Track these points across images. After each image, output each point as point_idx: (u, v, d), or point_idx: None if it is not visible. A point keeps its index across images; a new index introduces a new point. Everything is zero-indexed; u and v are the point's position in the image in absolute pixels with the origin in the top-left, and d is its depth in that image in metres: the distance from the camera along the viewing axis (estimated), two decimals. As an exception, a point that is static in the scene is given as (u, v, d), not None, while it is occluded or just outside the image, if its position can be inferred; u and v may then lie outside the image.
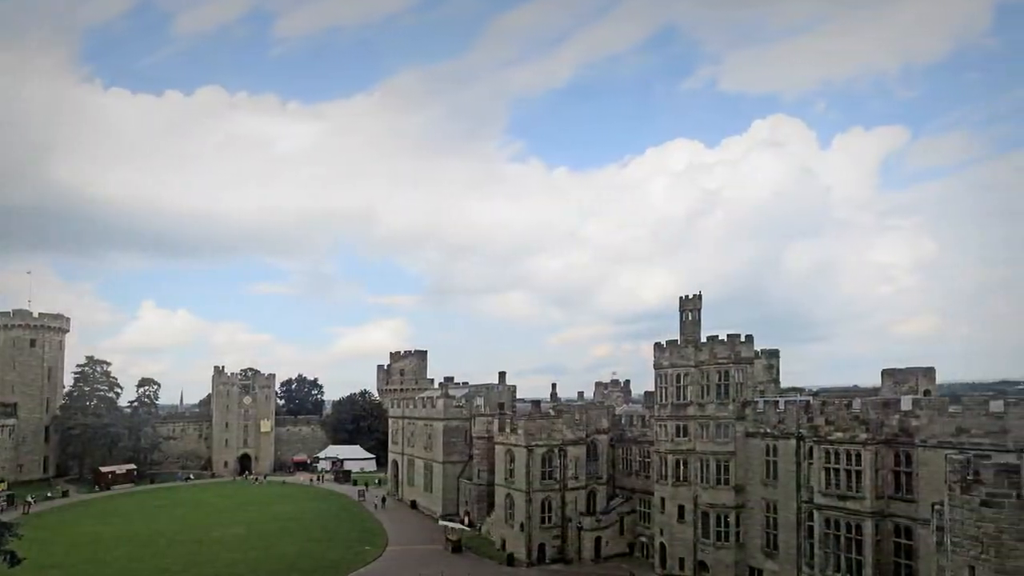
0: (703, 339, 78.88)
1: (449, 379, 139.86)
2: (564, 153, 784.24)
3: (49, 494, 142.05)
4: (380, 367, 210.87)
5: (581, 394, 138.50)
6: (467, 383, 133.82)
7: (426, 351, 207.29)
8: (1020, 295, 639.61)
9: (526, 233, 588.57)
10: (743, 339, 75.99)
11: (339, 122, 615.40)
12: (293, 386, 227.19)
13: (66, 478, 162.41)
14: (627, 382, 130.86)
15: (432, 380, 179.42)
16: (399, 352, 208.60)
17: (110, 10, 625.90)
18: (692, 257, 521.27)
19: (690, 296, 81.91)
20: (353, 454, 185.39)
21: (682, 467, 79.10)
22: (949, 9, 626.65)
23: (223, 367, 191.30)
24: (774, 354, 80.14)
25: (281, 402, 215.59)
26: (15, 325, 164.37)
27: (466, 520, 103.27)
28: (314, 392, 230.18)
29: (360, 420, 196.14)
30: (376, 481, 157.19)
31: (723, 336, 76.72)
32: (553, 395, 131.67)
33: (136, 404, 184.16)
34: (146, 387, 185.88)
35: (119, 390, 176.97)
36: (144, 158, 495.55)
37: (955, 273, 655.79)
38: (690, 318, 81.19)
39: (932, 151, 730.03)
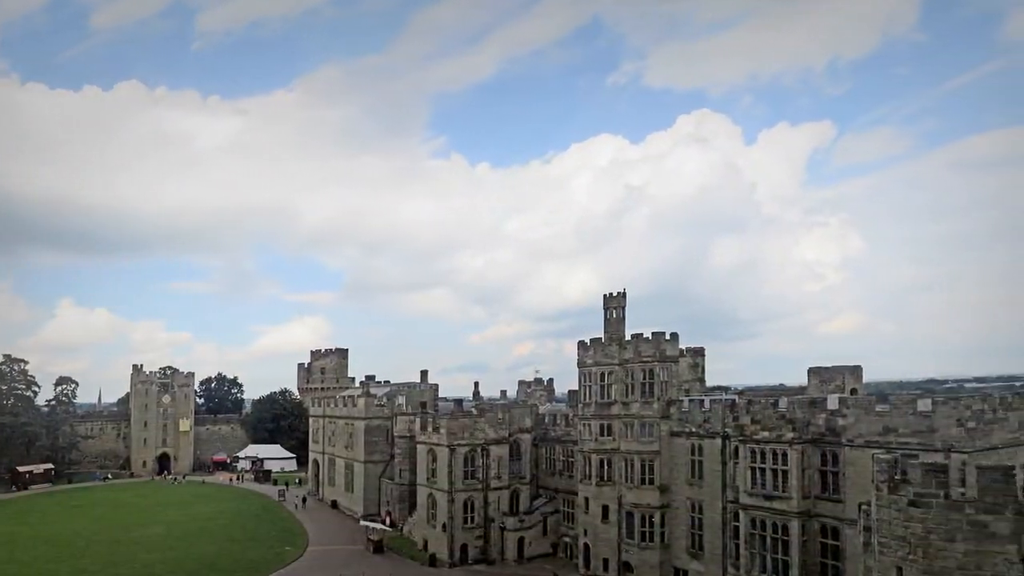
0: (627, 337, 76.13)
1: (370, 377, 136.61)
2: (486, 149, 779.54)
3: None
4: (301, 365, 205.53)
5: (504, 393, 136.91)
6: (389, 382, 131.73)
7: (347, 349, 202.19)
8: (947, 293, 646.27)
9: (448, 230, 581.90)
10: (668, 337, 73.63)
11: (259, 117, 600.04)
12: (212, 385, 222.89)
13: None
14: (550, 381, 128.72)
15: (353, 379, 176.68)
16: (320, 350, 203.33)
17: (27, 4, 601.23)
18: (616, 254, 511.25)
19: (614, 293, 79.34)
20: (273, 453, 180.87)
21: (606, 467, 76.40)
22: (876, 4, 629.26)
23: (141, 366, 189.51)
24: (699, 352, 78.32)
25: (200, 401, 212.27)
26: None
27: (388, 520, 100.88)
28: (234, 391, 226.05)
29: (280, 419, 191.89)
30: (296, 481, 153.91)
31: (648, 334, 74.24)
32: (476, 394, 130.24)
33: (54, 403, 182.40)
34: (64, 386, 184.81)
35: (36, 389, 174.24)
36: (62, 153, 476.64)
37: (882, 271, 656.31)
38: (614, 316, 78.51)
39: (859, 147, 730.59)
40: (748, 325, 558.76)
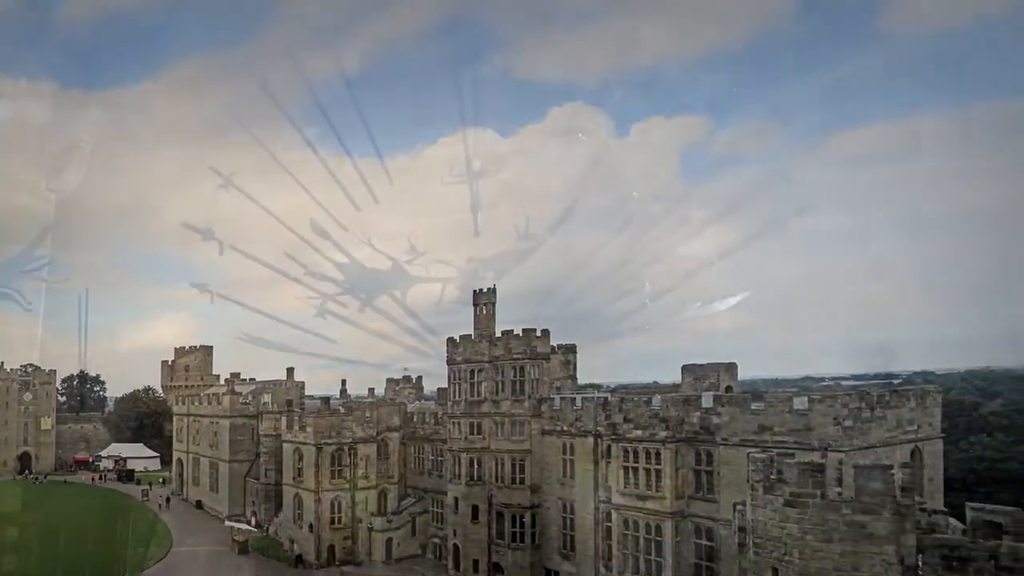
0: (498, 334, 70.10)
1: (235, 375, 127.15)
2: (352, 142, 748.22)
3: None
4: (164, 363, 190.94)
5: (372, 390, 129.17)
6: (254, 379, 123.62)
7: (211, 346, 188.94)
8: (824, 289, 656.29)
9: (314, 224, 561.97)
10: (539, 334, 67.73)
11: (123, 109, 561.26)
12: (75, 382, 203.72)
13: None
14: (419, 378, 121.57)
15: (218, 376, 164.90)
16: (184, 347, 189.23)
17: None
18: (486, 249, 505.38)
19: (484, 290, 73.05)
20: (137, 452, 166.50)
21: (476, 466, 70.10)
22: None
23: (2, 363, 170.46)
24: (571, 349, 72.95)
25: (63, 399, 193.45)
26: None
27: (253, 521, 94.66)
28: (96, 389, 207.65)
29: (144, 418, 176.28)
30: (160, 480, 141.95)
31: (518, 331, 68.40)
32: (343, 391, 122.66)
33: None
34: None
35: None
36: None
37: (758, 267, 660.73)
38: (484, 312, 72.19)
39: (735, 141, 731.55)
40: (621, 321, 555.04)
